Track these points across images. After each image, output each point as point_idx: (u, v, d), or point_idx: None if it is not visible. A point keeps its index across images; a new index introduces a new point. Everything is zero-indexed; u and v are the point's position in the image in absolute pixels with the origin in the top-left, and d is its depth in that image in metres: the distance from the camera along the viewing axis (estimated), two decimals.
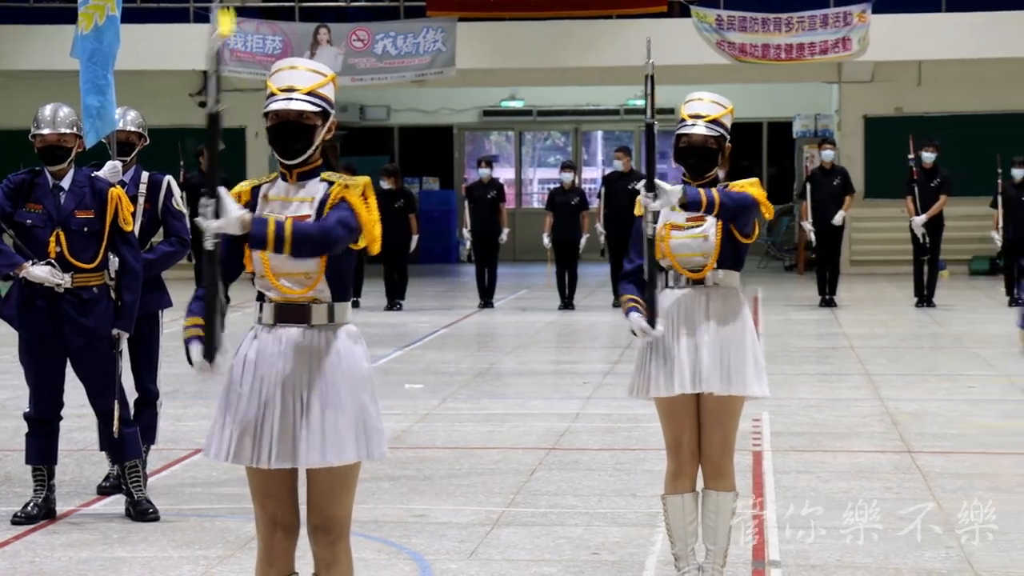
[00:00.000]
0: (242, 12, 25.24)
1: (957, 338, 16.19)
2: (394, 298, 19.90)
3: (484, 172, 20.20)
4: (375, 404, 4.97)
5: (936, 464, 9.24)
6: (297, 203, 4.94)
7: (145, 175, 8.39)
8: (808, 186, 19.88)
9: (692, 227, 6.17)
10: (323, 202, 4.91)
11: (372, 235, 4.94)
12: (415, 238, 19.85)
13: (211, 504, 8.34)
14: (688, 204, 5.93)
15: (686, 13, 24.36)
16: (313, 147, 4.95)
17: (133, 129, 8.53)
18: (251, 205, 4.99)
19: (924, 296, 19.53)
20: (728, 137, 6.21)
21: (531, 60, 25.00)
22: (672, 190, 5.91)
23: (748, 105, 25.83)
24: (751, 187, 6.11)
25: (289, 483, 4.98)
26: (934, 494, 8.34)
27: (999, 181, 19.31)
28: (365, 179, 5.00)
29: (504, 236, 20.13)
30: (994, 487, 8.51)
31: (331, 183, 4.95)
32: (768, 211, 6.13)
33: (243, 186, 5.07)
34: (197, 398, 11.50)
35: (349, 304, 5.02)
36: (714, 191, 5.98)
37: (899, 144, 20.74)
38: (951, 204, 19.54)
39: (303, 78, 4.96)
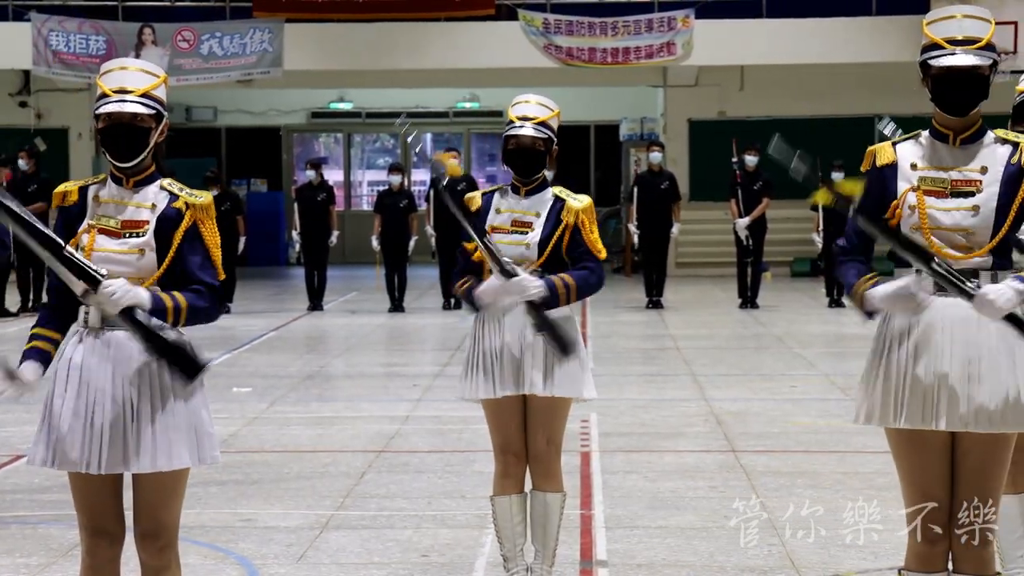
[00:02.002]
0: (64, 11, 24.78)
1: (779, 339, 16.50)
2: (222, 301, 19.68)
3: (311, 174, 20.15)
4: (206, 408, 4.94)
5: (759, 463, 9.41)
6: (133, 207, 4.87)
7: None
8: (635, 189, 20.09)
9: (516, 232, 6.20)
10: (170, 219, 4.85)
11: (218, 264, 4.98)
12: (242, 240, 19.71)
13: (33, 511, 8.18)
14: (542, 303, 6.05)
15: (514, 16, 24.49)
16: (147, 150, 4.88)
17: None
18: (80, 206, 4.90)
19: (748, 297, 19.86)
20: (555, 140, 6.28)
21: (359, 62, 24.94)
22: (528, 287, 5.99)
23: (575, 108, 26.10)
24: (591, 216, 6.23)
25: (114, 489, 4.91)
26: (757, 492, 8.49)
27: (820, 184, 19.67)
28: (209, 197, 4.95)
29: (333, 238, 20.07)
30: (814, 485, 8.69)
31: (174, 195, 4.89)
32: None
33: (69, 186, 4.98)
34: (17, 404, 11.25)
35: None
36: (569, 281, 6.08)
37: (723, 147, 21.09)
38: (773, 207, 19.90)
39: (136, 79, 4.88)
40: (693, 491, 8.59)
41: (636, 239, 19.86)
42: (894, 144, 4.97)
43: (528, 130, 6.19)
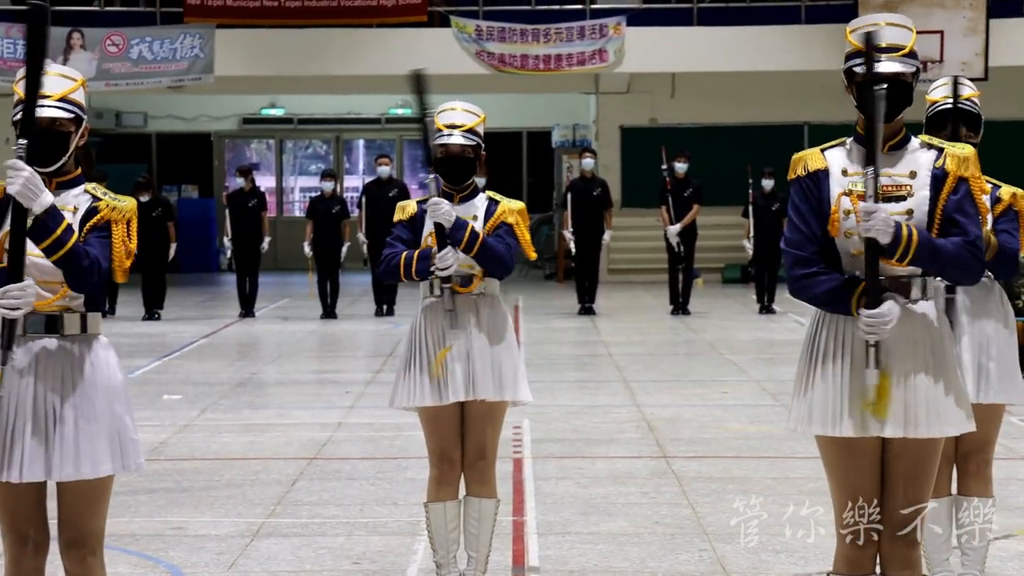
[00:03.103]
0: None
1: (711, 344, 16.58)
2: (152, 307, 19.58)
3: (241, 181, 20.09)
4: (130, 415, 4.91)
5: (691, 468, 9.45)
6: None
7: None
8: (568, 195, 20.13)
9: None
10: (88, 215, 4.83)
11: (123, 267, 4.88)
12: (173, 246, 19.57)
13: None
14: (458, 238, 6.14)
15: (446, 23, 24.51)
16: (68, 154, 4.87)
17: None
18: (4, 204, 4.86)
19: (679, 304, 19.94)
20: (483, 145, 6.32)
21: (291, 68, 24.87)
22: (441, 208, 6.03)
23: (508, 115, 26.18)
24: (525, 218, 6.28)
25: (37, 498, 4.87)
26: (689, 498, 8.53)
27: (750, 191, 19.83)
28: (132, 204, 4.92)
29: (265, 245, 20.00)
30: (745, 490, 8.73)
31: (96, 198, 4.87)
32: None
33: None
34: None
35: (100, 314, 4.94)
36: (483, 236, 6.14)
37: (654, 154, 21.17)
38: (704, 214, 19.99)
39: (53, 84, 4.87)
40: (625, 497, 8.62)
41: (572, 245, 19.86)
42: (822, 151, 5.01)
43: (457, 138, 6.22)
